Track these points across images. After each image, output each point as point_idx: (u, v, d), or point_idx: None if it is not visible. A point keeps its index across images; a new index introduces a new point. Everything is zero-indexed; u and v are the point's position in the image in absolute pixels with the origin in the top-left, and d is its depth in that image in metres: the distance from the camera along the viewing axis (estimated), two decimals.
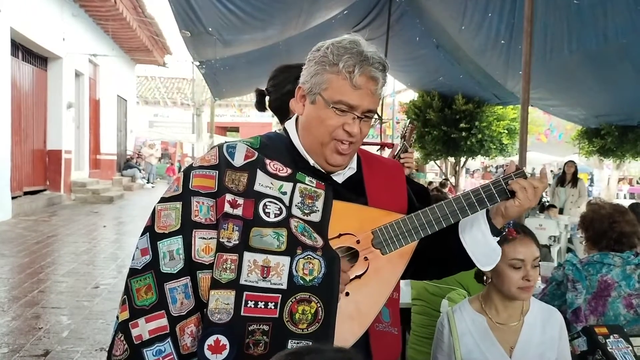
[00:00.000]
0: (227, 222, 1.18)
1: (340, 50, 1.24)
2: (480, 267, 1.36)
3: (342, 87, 1.24)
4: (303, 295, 1.15)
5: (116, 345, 1.19)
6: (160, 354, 1.15)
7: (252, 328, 1.13)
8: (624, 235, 2.37)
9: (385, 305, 1.32)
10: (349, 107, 1.25)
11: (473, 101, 9.62)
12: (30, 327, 4.04)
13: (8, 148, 9.09)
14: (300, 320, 1.14)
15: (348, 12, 7.05)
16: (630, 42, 5.31)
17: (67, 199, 11.71)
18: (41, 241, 7.25)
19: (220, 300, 1.13)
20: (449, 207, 1.29)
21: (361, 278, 1.27)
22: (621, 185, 22.49)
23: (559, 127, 15.96)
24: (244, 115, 25.39)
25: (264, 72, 7.54)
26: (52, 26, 10.90)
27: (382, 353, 1.32)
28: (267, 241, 1.17)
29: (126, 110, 17.95)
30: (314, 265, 1.17)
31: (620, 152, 9.86)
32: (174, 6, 5.55)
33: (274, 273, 1.15)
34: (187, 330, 1.16)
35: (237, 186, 1.24)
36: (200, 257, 1.18)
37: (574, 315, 2.30)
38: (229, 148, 1.30)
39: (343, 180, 1.38)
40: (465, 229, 1.34)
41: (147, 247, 1.20)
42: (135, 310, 1.18)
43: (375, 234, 1.29)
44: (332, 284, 1.17)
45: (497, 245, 1.34)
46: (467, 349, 1.73)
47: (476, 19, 6.06)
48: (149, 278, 1.18)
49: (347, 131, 1.27)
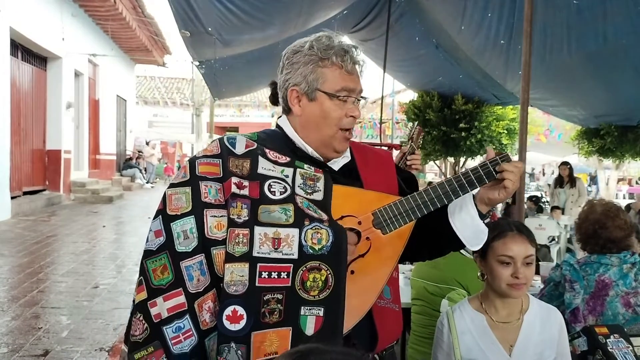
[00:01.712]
0: (235, 201, 1.24)
1: (325, 46, 1.36)
2: (469, 247, 1.43)
3: (338, 76, 1.36)
4: (313, 263, 1.20)
5: (134, 326, 1.23)
6: (180, 330, 1.20)
7: (267, 298, 1.18)
8: (611, 240, 2.34)
9: (387, 284, 1.39)
10: (350, 92, 1.37)
11: (472, 101, 9.61)
12: (30, 327, 4.04)
13: (7, 148, 9.09)
14: (311, 287, 1.19)
15: (348, 12, 7.05)
16: (629, 42, 5.31)
17: (67, 199, 11.71)
18: (40, 241, 7.25)
19: (235, 273, 1.19)
20: (442, 189, 1.37)
21: (364, 257, 1.34)
22: (620, 186, 22.49)
23: (558, 127, 15.95)
24: (243, 115, 25.37)
25: (264, 72, 7.54)
26: (52, 26, 10.88)
27: (386, 328, 1.39)
28: (275, 216, 1.23)
29: (126, 110, 17.93)
30: (321, 235, 1.22)
31: (620, 153, 9.85)
32: (173, 6, 5.55)
33: (285, 244, 1.21)
34: (204, 306, 1.22)
35: (242, 171, 1.30)
36: (214, 234, 1.24)
37: (573, 315, 2.30)
38: (230, 139, 1.38)
39: (339, 168, 1.46)
40: (454, 214, 1.42)
41: (161, 228, 1.25)
42: (153, 289, 1.22)
43: (375, 215, 1.36)
44: (340, 251, 1.22)
45: (484, 227, 1.42)
46: (467, 347, 1.73)
47: (476, 19, 6.05)
48: (164, 258, 1.23)
49: (352, 116, 1.38)
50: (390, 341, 1.45)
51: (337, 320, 1.20)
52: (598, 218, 2.38)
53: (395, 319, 1.45)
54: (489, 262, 1.73)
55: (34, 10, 10.02)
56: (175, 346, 1.19)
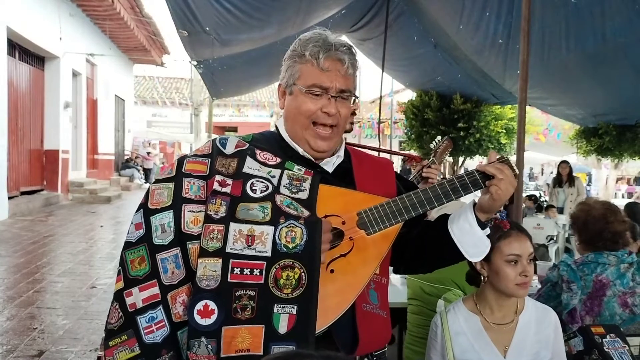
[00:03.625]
0: (215, 198, 1.26)
1: (306, 42, 1.37)
2: (469, 258, 1.39)
3: (312, 72, 1.36)
4: (287, 261, 1.20)
5: (111, 314, 1.26)
6: (153, 320, 1.23)
7: (239, 293, 1.19)
8: (618, 234, 2.36)
9: (373, 289, 1.39)
10: (322, 89, 1.36)
11: (471, 101, 9.61)
12: (25, 327, 4.02)
13: (5, 148, 9.06)
14: (284, 285, 1.20)
15: (346, 11, 7.03)
16: (628, 41, 5.30)
17: (65, 199, 11.68)
18: (37, 241, 7.23)
19: (208, 268, 1.20)
20: (432, 192, 1.35)
21: (346, 257, 1.32)
22: (619, 185, 22.50)
23: (557, 126, 15.95)
24: (242, 115, 25.35)
25: (262, 71, 7.53)
26: (49, 25, 10.86)
27: (369, 333, 1.36)
28: (252, 214, 1.24)
29: (124, 110, 17.92)
30: (296, 233, 1.22)
31: (618, 152, 9.85)
32: (171, 6, 5.52)
33: (259, 241, 1.21)
34: (178, 299, 1.24)
35: (227, 169, 1.32)
36: (189, 229, 1.26)
37: (570, 316, 2.28)
38: (222, 140, 1.41)
39: (333, 170, 1.45)
40: (453, 221, 1.39)
41: (141, 221, 1.28)
42: (130, 279, 1.25)
43: (360, 215, 1.35)
44: (313, 250, 1.22)
45: (484, 235, 1.38)
46: (461, 348, 1.72)
47: (474, 19, 6.04)
48: (142, 250, 1.26)
49: (325, 112, 1.36)
50: (376, 347, 1.42)
51: (309, 318, 1.19)
52: (603, 214, 2.38)
53: (382, 325, 1.42)
54: (495, 264, 1.72)
55: (31, 9, 10.00)
56: (148, 336, 1.22)
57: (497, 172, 1.31)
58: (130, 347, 1.22)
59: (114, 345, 1.23)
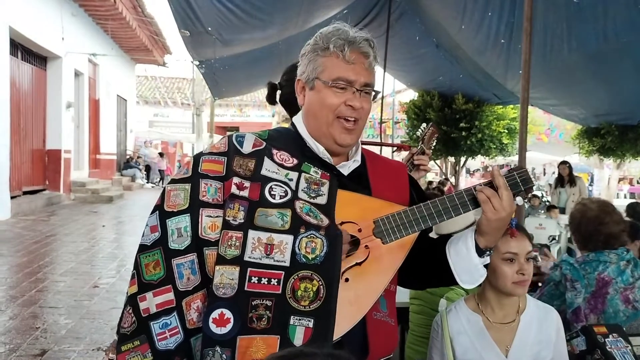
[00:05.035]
0: (233, 202, 1.23)
1: (328, 36, 1.33)
2: (461, 284, 1.36)
3: (336, 65, 1.31)
4: (305, 273, 1.18)
5: (124, 318, 1.23)
6: (166, 327, 1.20)
7: (256, 303, 1.16)
8: (612, 236, 2.33)
9: (383, 296, 1.35)
10: (347, 82, 1.31)
11: (473, 101, 9.61)
12: (28, 326, 4.03)
13: (7, 147, 9.08)
14: (302, 297, 1.17)
15: (348, 11, 7.03)
16: (630, 41, 5.29)
17: (67, 199, 11.70)
18: (40, 241, 7.24)
19: (225, 276, 1.18)
20: (450, 201, 1.32)
21: (361, 265, 1.29)
22: (621, 185, 22.46)
23: (559, 126, 15.95)
24: (243, 115, 25.36)
25: (264, 71, 7.54)
26: (51, 25, 10.87)
27: (379, 342, 1.34)
28: (271, 220, 1.21)
29: (126, 110, 17.94)
30: (316, 244, 1.20)
31: (621, 152, 9.84)
32: (173, 6, 5.54)
33: (277, 250, 1.19)
34: (193, 305, 1.21)
35: (245, 171, 1.28)
36: (207, 234, 1.23)
37: (574, 315, 2.28)
38: (238, 137, 1.36)
39: (348, 173, 1.41)
40: (452, 243, 1.37)
41: (157, 224, 1.25)
42: (144, 284, 1.23)
43: (376, 224, 1.32)
44: (333, 262, 1.19)
45: (480, 264, 1.34)
46: (462, 348, 1.72)
47: (476, 19, 6.04)
48: (157, 254, 1.23)
49: (350, 105, 1.32)
50: (383, 354, 1.38)
51: (327, 332, 1.17)
52: (596, 215, 2.37)
53: (390, 333, 1.40)
54: (493, 262, 1.72)
55: (34, 9, 10.02)
56: (161, 342, 1.20)
57: (489, 192, 1.28)
58: (142, 353, 1.20)
59: (126, 350, 1.21)
